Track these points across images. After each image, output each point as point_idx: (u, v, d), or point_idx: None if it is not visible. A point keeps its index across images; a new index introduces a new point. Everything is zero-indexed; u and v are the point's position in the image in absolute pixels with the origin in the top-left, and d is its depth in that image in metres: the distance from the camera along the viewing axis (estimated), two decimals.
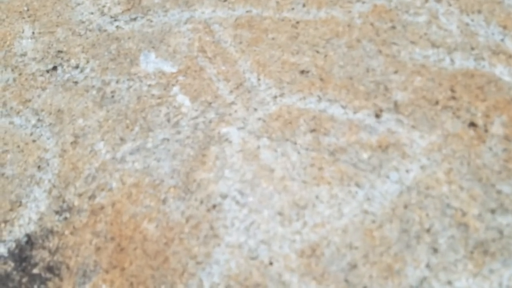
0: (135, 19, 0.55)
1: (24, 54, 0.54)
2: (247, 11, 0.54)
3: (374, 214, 0.39)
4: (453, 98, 0.44)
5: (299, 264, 0.37)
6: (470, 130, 0.42)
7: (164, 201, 0.42)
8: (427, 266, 0.36)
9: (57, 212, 0.42)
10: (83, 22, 0.56)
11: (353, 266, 0.37)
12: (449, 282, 0.36)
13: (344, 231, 0.38)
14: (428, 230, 0.38)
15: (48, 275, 0.39)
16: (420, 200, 0.39)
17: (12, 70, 0.53)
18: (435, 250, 0.37)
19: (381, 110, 0.44)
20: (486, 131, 0.42)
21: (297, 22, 0.52)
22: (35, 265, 0.40)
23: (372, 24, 0.50)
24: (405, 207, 0.39)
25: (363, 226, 0.39)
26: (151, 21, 0.55)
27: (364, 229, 0.38)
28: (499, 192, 0.39)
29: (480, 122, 0.42)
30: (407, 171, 0.41)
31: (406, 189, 0.40)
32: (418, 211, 0.39)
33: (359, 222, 0.39)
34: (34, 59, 0.54)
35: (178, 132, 0.46)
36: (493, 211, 0.38)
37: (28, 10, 0.59)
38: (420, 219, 0.38)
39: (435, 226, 0.38)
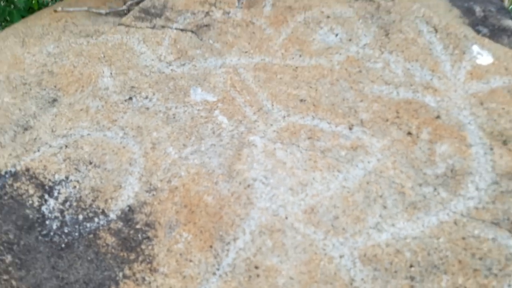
0: (184, 64, 0.80)
1: (106, 88, 0.78)
2: (261, 59, 0.79)
3: (348, 188, 0.63)
4: (398, 117, 0.69)
5: (303, 217, 0.61)
6: (407, 137, 0.67)
7: (216, 183, 0.65)
8: (380, 216, 0.60)
9: (147, 191, 0.65)
10: (147, 66, 0.80)
11: (336, 217, 0.61)
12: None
13: (331, 198, 0.62)
14: (380, 196, 0.62)
15: (147, 228, 0.62)
16: (376, 179, 0.64)
17: (99, 99, 0.77)
18: (385, 207, 0.61)
19: (352, 125, 0.69)
20: (418, 137, 0.67)
21: (296, 67, 0.77)
22: (137, 223, 0.62)
23: (346, 69, 0.75)
24: (367, 183, 0.63)
25: (342, 194, 0.63)
26: (195, 66, 0.80)
27: (343, 196, 0.62)
28: (424, 173, 0.64)
29: (414, 132, 0.68)
30: (368, 162, 0.65)
31: (368, 173, 0.64)
32: (375, 186, 0.63)
33: (340, 192, 0.63)
34: (114, 92, 0.78)
35: (221, 140, 0.70)
36: (420, 184, 0.63)
37: (104, 56, 0.83)
38: (376, 190, 0.63)
39: (384, 194, 0.62)
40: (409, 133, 0.67)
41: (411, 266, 0.57)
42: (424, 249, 0.58)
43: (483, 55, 0.73)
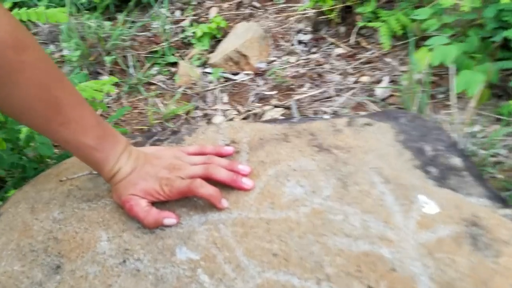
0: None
1: (103, 253, 0.89)
2: (239, 214, 0.90)
3: None
4: (358, 270, 0.78)
5: None
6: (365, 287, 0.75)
7: None
8: None
9: None
10: (139, 228, 0.91)
11: None
12: None
13: None
14: None
15: None
16: None
17: (97, 264, 0.87)
18: None
19: (320, 280, 0.77)
20: None
21: (269, 221, 0.88)
22: None
23: (312, 222, 0.86)
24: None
25: None
26: (182, 223, 0.91)
27: None
28: None
29: (373, 285, 0.76)
30: None
31: None
32: None
33: None
34: (110, 255, 0.88)
35: None
36: None
37: (103, 220, 0.94)
38: None
39: None
40: (369, 287, 0.76)
41: None
42: None
43: (429, 203, 0.83)
